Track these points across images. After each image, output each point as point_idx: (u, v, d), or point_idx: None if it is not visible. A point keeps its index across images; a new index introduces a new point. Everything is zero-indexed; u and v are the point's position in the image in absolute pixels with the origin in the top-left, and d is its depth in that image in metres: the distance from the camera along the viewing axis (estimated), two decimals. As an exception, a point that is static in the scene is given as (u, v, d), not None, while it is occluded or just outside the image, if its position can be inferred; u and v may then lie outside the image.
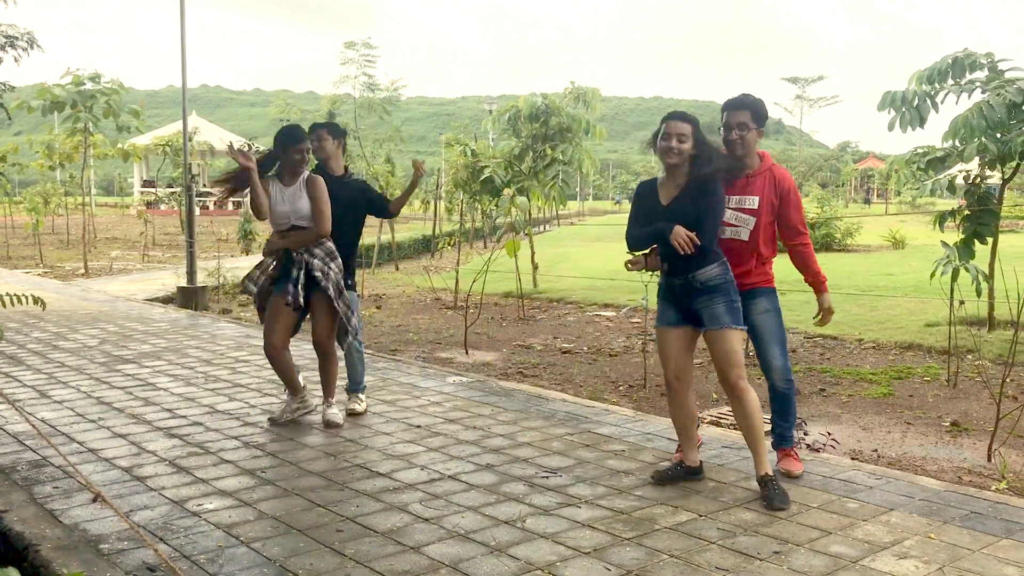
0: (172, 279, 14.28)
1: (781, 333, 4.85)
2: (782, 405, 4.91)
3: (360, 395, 6.25)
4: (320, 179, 5.71)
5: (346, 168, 6.23)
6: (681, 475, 4.68)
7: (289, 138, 5.69)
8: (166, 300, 13.02)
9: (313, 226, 5.62)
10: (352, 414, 6.06)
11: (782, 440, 4.96)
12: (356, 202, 6.07)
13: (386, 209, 6.26)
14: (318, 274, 5.60)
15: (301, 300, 5.64)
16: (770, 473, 4.47)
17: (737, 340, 4.51)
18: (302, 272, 5.62)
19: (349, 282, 5.94)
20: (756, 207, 4.72)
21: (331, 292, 5.63)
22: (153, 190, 39.84)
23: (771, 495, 4.35)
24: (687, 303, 4.53)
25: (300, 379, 5.95)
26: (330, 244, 5.72)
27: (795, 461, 4.90)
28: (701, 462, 4.79)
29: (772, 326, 4.82)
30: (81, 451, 5.17)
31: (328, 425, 5.78)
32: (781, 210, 4.79)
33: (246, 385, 7.00)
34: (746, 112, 4.69)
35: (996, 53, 9.01)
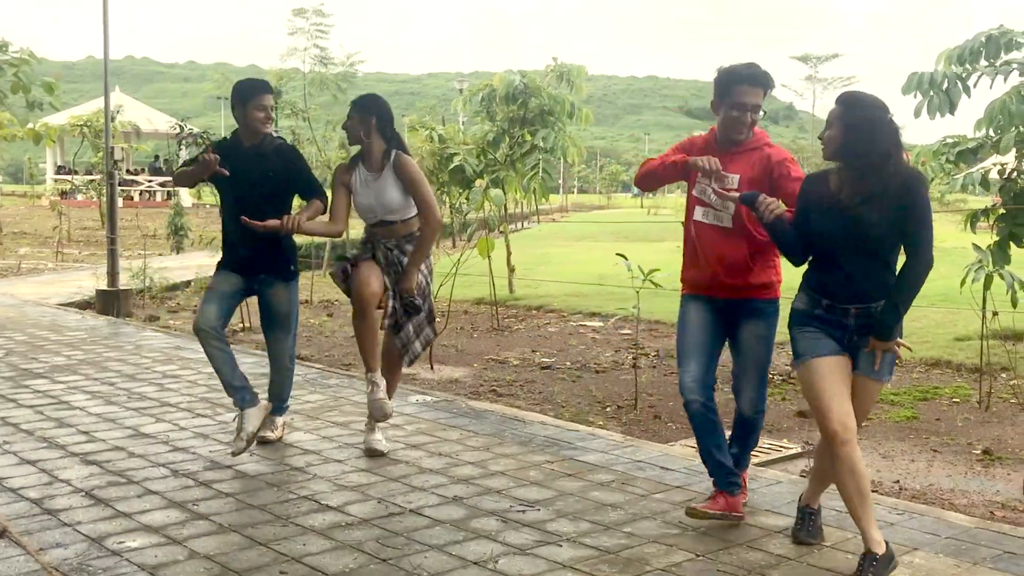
0: (90, 281, 14.16)
1: (767, 362, 4.79)
2: (745, 432, 4.87)
3: (278, 418, 6.07)
4: (411, 160, 5.60)
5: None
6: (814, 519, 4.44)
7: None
8: (83, 305, 12.93)
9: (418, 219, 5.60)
10: (264, 442, 5.85)
11: (731, 483, 4.66)
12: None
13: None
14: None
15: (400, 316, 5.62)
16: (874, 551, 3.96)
17: (875, 398, 4.39)
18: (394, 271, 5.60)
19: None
20: (735, 186, 4.51)
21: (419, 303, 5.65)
22: (69, 177, 39.53)
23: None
24: (854, 340, 4.10)
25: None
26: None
27: (722, 499, 4.59)
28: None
29: (761, 353, 4.72)
30: (-18, 480, 5.13)
31: (370, 453, 5.69)
32: (781, 185, 4.49)
33: (175, 404, 6.96)
34: (761, 92, 4.58)
35: (1035, 30, 9.14)
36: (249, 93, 5.54)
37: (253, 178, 5.55)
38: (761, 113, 4.60)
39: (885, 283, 4.04)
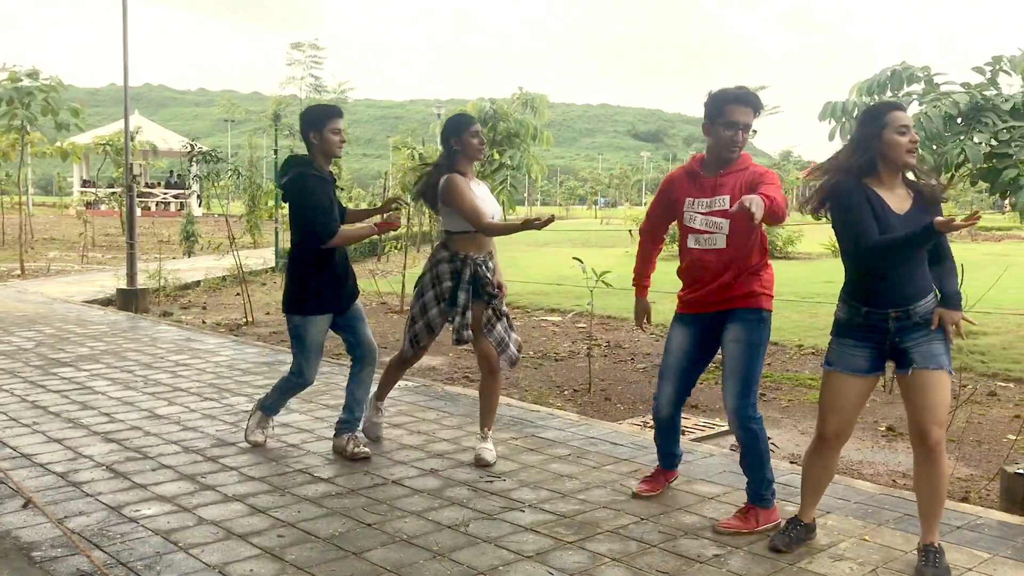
0: (112, 281, 13.99)
1: (748, 370, 4.16)
2: (743, 453, 4.26)
3: (271, 421, 5.50)
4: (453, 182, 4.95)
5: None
6: (803, 535, 3.98)
7: (465, 121, 5.07)
8: (105, 302, 12.76)
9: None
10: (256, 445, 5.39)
11: (751, 497, 4.25)
12: None
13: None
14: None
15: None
16: (935, 544, 3.72)
17: (946, 390, 3.70)
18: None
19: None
20: (726, 206, 4.15)
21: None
22: (93, 190, 39.06)
23: (925, 567, 3.65)
24: (896, 342, 3.73)
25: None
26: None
27: (748, 519, 4.15)
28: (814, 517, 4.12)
29: (740, 361, 4.17)
30: (14, 456, 5.05)
31: (479, 463, 5.05)
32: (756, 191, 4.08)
33: (186, 389, 6.89)
34: (752, 111, 4.18)
35: (931, 67, 9.27)
36: (327, 117, 4.98)
37: (334, 202, 5.11)
38: (752, 132, 4.25)
39: (925, 283, 3.73)
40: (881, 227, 3.64)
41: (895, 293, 3.69)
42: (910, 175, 3.79)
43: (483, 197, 5.04)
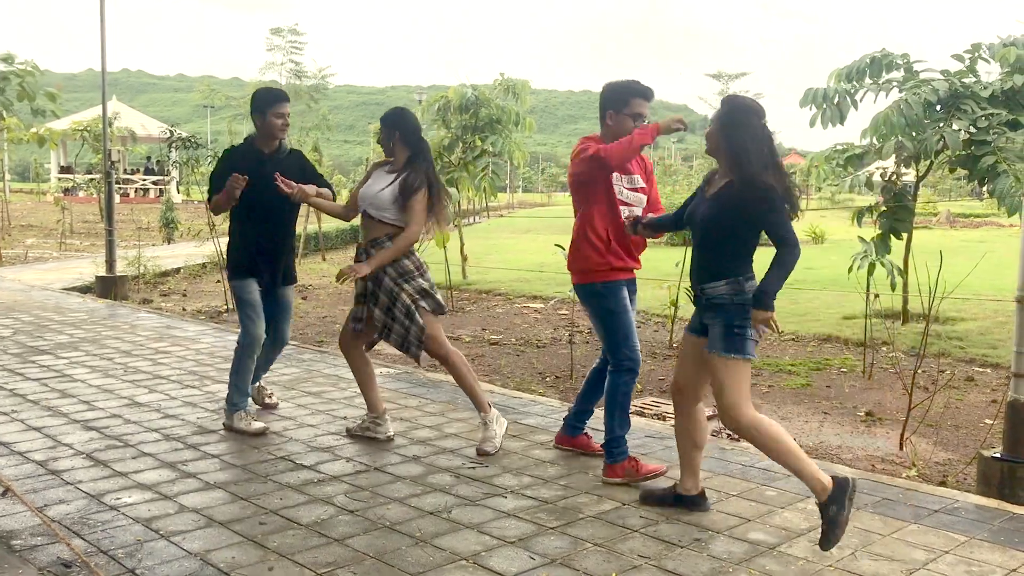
0: (90, 268, 13.88)
1: (601, 329, 4.73)
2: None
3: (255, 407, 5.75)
4: (421, 189, 5.06)
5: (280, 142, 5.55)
6: (670, 502, 4.20)
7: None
8: (84, 289, 12.66)
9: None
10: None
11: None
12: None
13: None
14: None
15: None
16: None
17: (730, 374, 3.85)
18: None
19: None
20: (644, 185, 4.80)
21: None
22: (71, 176, 38.69)
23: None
24: (703, 315, 4.02)
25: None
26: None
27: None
28: (703, 490, 4.26)
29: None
30: (-7, 445, 5.01)
31: (479, 453, 5.04)
32: (651, 179, 4.89)
33: (166, 377, 6.86)
34: (647, 105, 4.70)
35: (910, 54, 9.32)
36: (270, 101, 5.28)
37: (272, 181, 5.16)
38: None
39: (718, 269, 3.91)
40: (691, 205, 4.13)
41: (694, 272, 4.07)
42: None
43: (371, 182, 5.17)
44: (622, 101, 4.65)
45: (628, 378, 4.66)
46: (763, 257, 3.88)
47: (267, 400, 6.00)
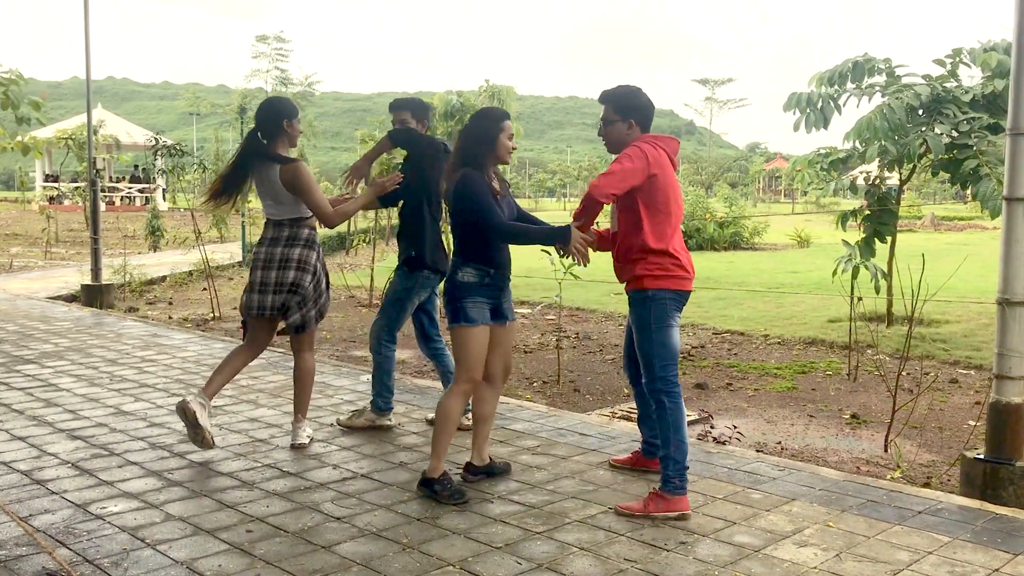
0: (76, 277, 13.83)
1: (644, 348, 4.36)
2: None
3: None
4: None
5: None
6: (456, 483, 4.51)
7: (296, 109, 5.29)
8: (70, 298, 12.61)
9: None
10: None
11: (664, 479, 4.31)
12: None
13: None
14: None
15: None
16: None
17: (456, 342, 4.45)
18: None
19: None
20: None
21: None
22: (56, 185, 38.49)
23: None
24: (499, 297, 4.54)
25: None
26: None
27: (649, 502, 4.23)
28: (490, 460, 4.76)
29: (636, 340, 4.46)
30: (-23, 455, 4.98)
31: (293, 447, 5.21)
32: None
33: (153, 385, 6.84)
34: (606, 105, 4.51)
35: (892, 59, 9.39)
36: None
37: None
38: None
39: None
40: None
41: (507, 258, 4.53)
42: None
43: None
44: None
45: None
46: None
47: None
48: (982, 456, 4.65)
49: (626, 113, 4.41)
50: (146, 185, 39.46)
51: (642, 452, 4.89)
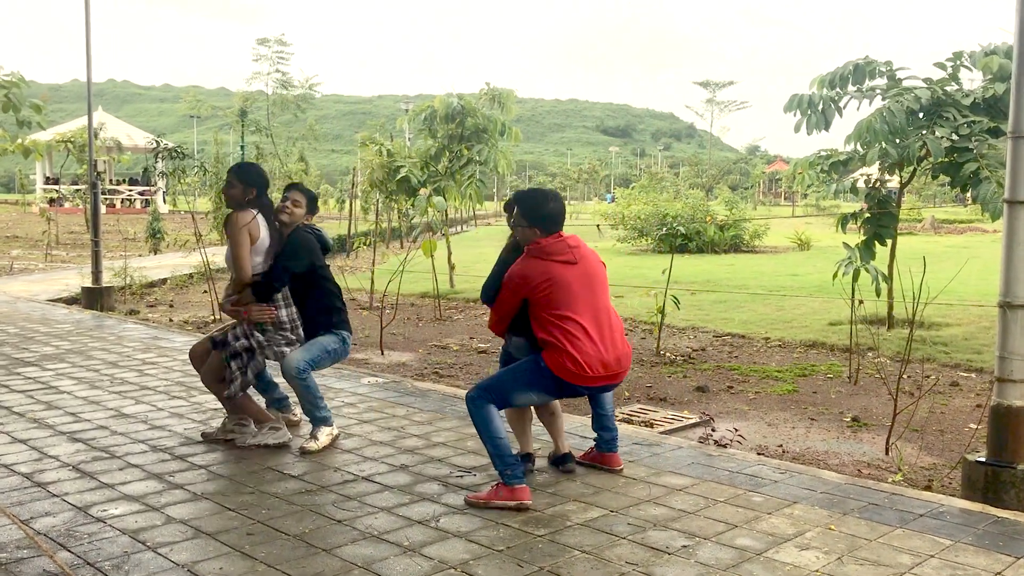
0: (76, 279, 13.83)
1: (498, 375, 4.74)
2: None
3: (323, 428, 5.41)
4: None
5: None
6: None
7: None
8: (70, 301, 12.61)
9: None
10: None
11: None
12: None
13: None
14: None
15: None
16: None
17: None
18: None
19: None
20: None
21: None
22: (56, 187, 38.52)
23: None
24: None
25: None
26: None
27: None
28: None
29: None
30: (-22, 457, 4.98)
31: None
32: None
33: (153, 388, 6.83)
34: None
35: (892, 62, 9.39)
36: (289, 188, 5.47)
37: None
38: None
39: None
40: None
41: None
42: None
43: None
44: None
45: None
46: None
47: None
48: (983, 459, 4.64)
49: (533, 220, 4.64)
50: (146, 188, 39.51)
51: (595, 447, 5.05)
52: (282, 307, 5.26)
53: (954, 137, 8.63)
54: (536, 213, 4.64)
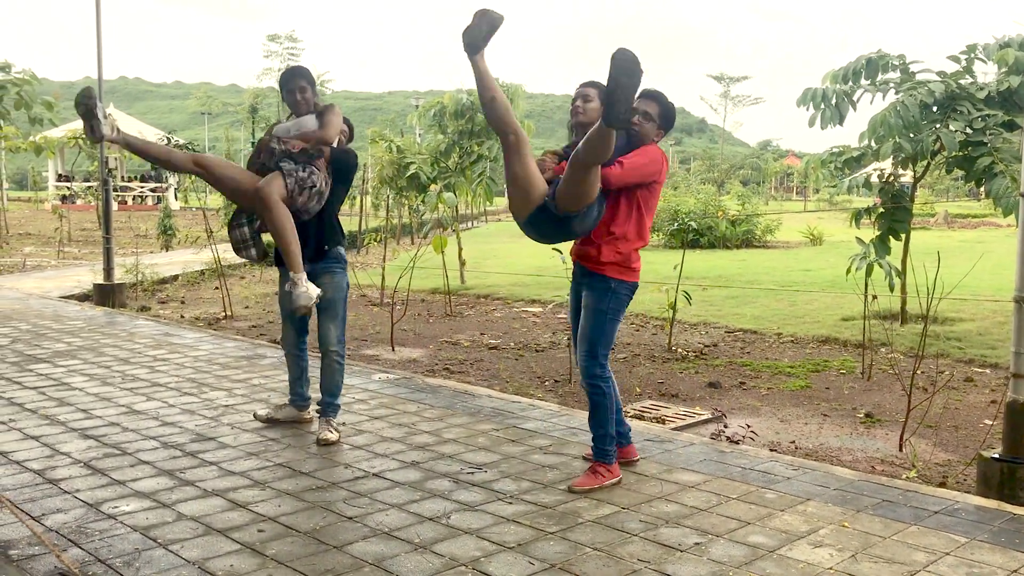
0: (88, 276, 13.87)
1: (594, 333, 4.61)
2: (590, 408, 4.71)
3: (334, 419, 5.52)
4: None
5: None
6: None
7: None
8: (82, 297, 12.65)
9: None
10: (325, 444, 5.30)
11: (595, 452, 4.70)
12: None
13: None
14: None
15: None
16: None
17: None
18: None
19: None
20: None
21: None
22: (68, 184, 38.68)
23: None
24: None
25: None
26: None
27: (597, 475, 4.58)
28: None
29: (586, 323, 4.67)
30: (-10, 454, 5.00)
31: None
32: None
33: (165, 384, 6.85)
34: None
35: (906, 55, 9.32)
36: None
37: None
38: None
39: None
40: None
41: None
42: None
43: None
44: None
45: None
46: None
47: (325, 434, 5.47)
48: (999, 456, 4.60)
49: (665, 122, 4.70)
50: (158, 184, 39.63)
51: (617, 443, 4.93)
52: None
53: (968, 131, 8.56)
54: (671, 118, 4.73)
